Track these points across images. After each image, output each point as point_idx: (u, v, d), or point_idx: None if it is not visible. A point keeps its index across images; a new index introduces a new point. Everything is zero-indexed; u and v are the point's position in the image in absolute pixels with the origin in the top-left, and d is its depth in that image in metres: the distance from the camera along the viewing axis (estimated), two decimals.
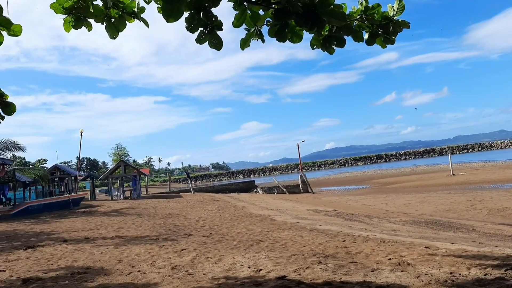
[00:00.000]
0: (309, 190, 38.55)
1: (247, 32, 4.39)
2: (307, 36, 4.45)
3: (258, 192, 40.63)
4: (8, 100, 4.91)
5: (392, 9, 4.37)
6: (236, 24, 4.18)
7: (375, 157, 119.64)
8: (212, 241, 9.41)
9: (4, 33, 4.05)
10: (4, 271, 7.54)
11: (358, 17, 4.34)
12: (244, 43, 4.45)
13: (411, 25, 4.50)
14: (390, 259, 6.14)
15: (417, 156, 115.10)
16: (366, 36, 4.48)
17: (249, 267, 6.23)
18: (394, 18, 4.37)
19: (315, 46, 4.55)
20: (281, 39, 4.23)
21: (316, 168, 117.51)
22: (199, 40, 4.29)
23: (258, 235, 10.10)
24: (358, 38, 4.40)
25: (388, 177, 47.56)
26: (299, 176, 42.76)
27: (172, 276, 6.05)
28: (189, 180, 52.88)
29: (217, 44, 4.31)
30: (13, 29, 4.07)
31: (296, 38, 4.31)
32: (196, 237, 10.31)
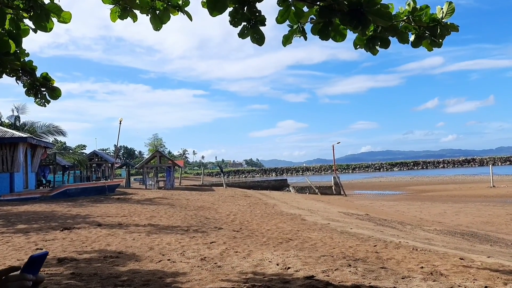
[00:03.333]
0: (342, 193, 38.09)
1: (290, 28, 4.37)
2: (351, 36, 4.38)
3: (290, 191, 40.50)
4: (54, 84, 5.10)
5: (441, 11, 4.23)
6: (280, 20, 4.16)
7: (412, 164, 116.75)
8: (241, 236, 9.45)
9: (54, 19, 4.20)
10: (41, 249, 7.86)
11: (405, 18, 4.23)
12: (287, 40, 4.43)
13: (460, 29, 4.35)
14: (422, 267, 5.98)
15: (456, 165, 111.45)
16: (412, 38, 4.35)
17: (278, 264, 6.22)
18: (443, 20, 4.23)
19: (358, 46, 4.47)
20: (324, 37, 4.18)
21: (350, 171, 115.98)
22: (242, 35, 4.30)
23: (287, 234, 10.07)
24: (403, 39, 4.28)
25: (424, 185, 46.31)
26: (332, 177, 42.31)
27: (201, 267, 6.12)
28: (222, 175, 53.37)
29: (259, 39, 4.31)
30: (63, 16, 4.22)
31: (339, 37, 4.25)
32: (226, 231, 10.39)
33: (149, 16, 4.48)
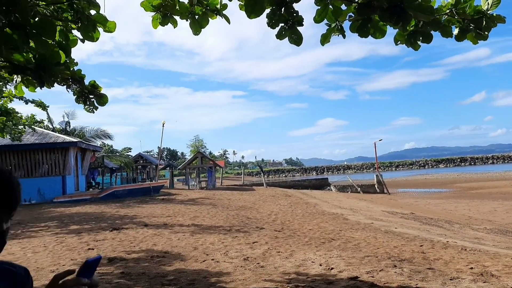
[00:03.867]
0: (385, 191, 37.27)
1: (328, 27, 4.34)
2: (391, 31, 4.31)
3: (331, 190, 40.06)
4: (101, 92, 5.32)
5: (486, 2, 4.08)
6: (317, 19, 4.14)
7: (459, 160, 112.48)
8: (283, 236, 9.47)
9: (100, 29, 4.39)
10: (93, 249, 8.20)
11: (448, 11, 4.11)
12: (325, 39, 4.41)
13: (507, 19, 4.17)
14: (471, 268, 5.77)
15: (506, 161, 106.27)
16: (455, 31, 4.22)
17: (321, 265, 6.19)
18: (488, 12, 4.07)
19: (399, 42, 4.39)
20: (363, 34, 4.13)
21: (393, 169, 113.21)
22: (280, 36, 4.32)
23: (330, 233, 9.99)
24: (446, 33, 4.16)
25: (472, 182, 44.51)
26: (374, 175, 41.46)
27: (244, 267, 6.20)
28: (262, 174, 53.57)
29: (297, 39, 4.32)
30: (108, 26, 4.39)
31: (379, 33, 4.19)
32: (268, 230, 10.44)
33: (189, 21, 4.59)
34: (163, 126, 32.62)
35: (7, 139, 17.29)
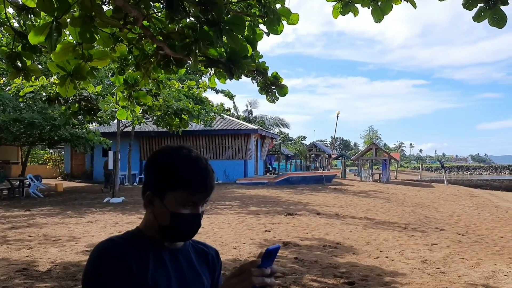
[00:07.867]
0: None
1: None
2: None
3: None
4: (282, 83, 5.52)
5: None
6: None
7: None
8: (468, 241, 8.51)
9: (284, 22, 4.53)
10: (269, 231, 8.72)
11: None
12: None
13: None
14: None
15: None
16: None
17: None
18: None
19: None
20: None
21: None
22: (478, 18, 3.78)
23: None
24: None
25: None
26: None
27: (422, 270, 5.77)
28: (443, 170, 49.29)
29: (499, 21, 3.71)
30: (291, 18, 4.50)
31: None
32: (449, 233, 9.53)
33: (371, 8, 4.39)
34: (337, 116, 32.69)
35: (201, 125, 19.60)
